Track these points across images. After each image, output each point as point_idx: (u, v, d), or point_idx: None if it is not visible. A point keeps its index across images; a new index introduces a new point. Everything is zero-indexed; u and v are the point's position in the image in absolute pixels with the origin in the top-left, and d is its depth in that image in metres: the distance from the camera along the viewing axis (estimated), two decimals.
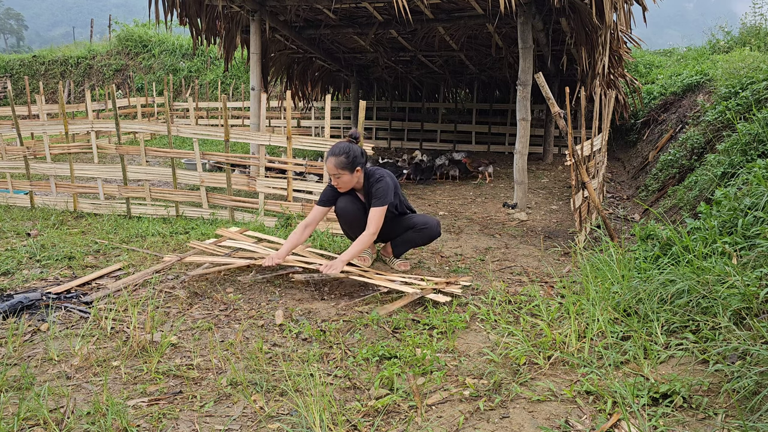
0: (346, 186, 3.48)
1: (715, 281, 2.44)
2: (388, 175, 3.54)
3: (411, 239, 3.73)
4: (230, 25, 7.77)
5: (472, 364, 2.39)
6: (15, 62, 17.84)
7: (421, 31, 8.28)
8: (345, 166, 3.36)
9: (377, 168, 3.59)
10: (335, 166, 3.37)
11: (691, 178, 4.78)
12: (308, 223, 3.53)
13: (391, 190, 3.46)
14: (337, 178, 3.42)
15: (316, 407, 1.91)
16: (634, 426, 1.81)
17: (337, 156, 3.36)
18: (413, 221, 3.69)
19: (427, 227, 3.67)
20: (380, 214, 3.39)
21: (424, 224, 3.66)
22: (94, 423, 1.94)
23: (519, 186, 5.87)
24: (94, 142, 5.40)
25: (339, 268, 3.22)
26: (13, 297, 3.09)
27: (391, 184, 3.49)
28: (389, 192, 3.43)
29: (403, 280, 3.36)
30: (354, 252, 3.32)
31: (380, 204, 3.40)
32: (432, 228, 3.69)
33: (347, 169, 3.38)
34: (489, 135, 11.07)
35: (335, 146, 3.42)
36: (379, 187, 3.42)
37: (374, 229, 3.37)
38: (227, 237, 4.05)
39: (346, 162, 3.36)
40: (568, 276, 3.51)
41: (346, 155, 3.36)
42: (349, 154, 3.37)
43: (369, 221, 3.39)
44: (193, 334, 2.71)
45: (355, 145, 3.44)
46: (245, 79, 14.60)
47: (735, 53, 7.99)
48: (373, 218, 3.38)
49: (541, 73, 4.11)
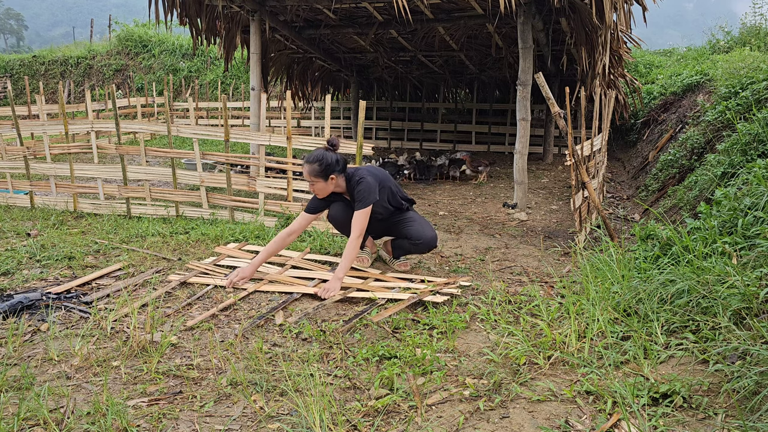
0: (322, 193, 3.46)
1: (715, 281, 2.44)
2: (370, 174, 3.49)
3: (407, 249, 3.73)
4: (230, 25, 7.77)
5: (472, 364, 2.39)
6: (15, 62, 17.84)
7: (421, 31, 8.28)
8: (318, 173, 3.35)
9: (359, 168, 3.54)
10: (309, 174, 3.37)
11: (691, 178, 4.78)
12: (293, 230, 3.51)
13: (374, 190, 3.42)
14: (312, 185, 3.43)
15: (316, 407, 1.91)
16: (634, 426, 1.81)
17: (311, 164, 3.35)
18: (409, 231, 3.64)
19: (422, 242, 3.63)
20: (363, 217, 3.37)
21: (419, 239, 3.62)
22: (94, 423, 1.94)
23: (519, 186, 5.87)
24: (94, 142, 5.40)
25: (337, 288, 3.20)
26: (13, 297, 3.09)
27: (373, 182, 3.44)
28: (372, 192, 3.40)
29: (402, 285, 3.35)
30: (346, 265, 3.30)
31: (362, 207, 3.38)
32: (427, 242, 3.64)
33: (320, 177, 3.36)
34: (489, 135, 11.08)
35: (310, 154, 3.40)
36: (360, 189, 3.39)
37: (358, 233, 3.35)
38: (225, 255, 3.93)
39: (318, 170, 3.35)
40: (568, 276, 3.51)
41: (319, 163, 3.34)
42: (322, 162, 3.34)
43: (353, 225, 3.37)
44: (193, 334, 2.71)
45: (330, 153, 3.40)
46: (245, 79, 14.60)
47: (735, 53, 8.00)
48: (356, 222, 3.36)
49: (541, 73, 4.11)
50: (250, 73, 7.18)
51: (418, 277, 3.54)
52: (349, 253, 3.32)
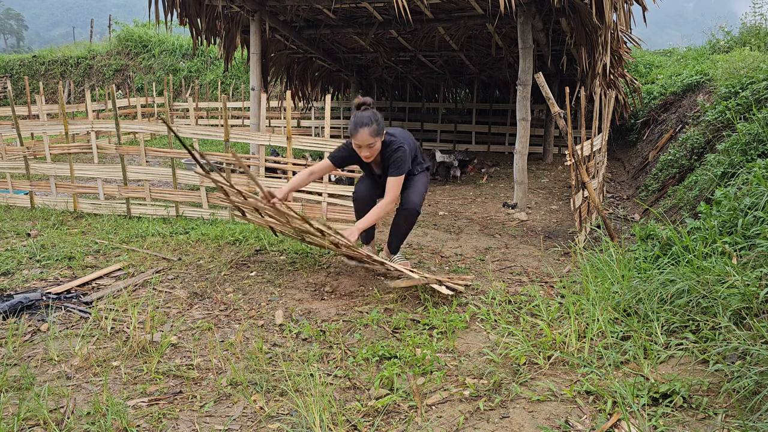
0: (375, 154, 3.44)
1: (715, 281, 2.44)
2: (406, 141, 3.53)
3: (397, 226, 3.68)
4: (230, 25, 7.77)
5: (472, 364, 2.39)
6: (15, 62, 17.84)
7: (421, 31, 8.28)
8: (377, 133, 3.35)
9: (394, 133, 3.55)
10: (370, 135, 3.32)
11: (691, 178, 4.78)
12: (314, 171, 3.58)
13: (409, 159, 3.48)
14: (370, 148, 3.37)
15: (316, 407, 1.91)
16: (634, 426, 1.81)
17: (369, 126, 3.31)
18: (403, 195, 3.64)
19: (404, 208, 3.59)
20: (397, 184, 3.42)
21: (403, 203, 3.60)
22: (94, 423, 1.94)
23: (519, 186, 5.87)
24: (94, 143, 5.40)
25: (355, 234, 3.26)
26: (13, 297, 3.09)
27: (409, 152, 3.49)
28: (407, 161, 3.45)
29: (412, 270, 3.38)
30: (370, 220, 3.36)
31: (398, 174, 3.42)
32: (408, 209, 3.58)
33: (378, 136, 3.38)
34: (489, 135, 11.08)
35: (360, 117, 3.34)
36: (398, 156, 3.42)
37: (391, 198, 3.41)
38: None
39: (377, 129, 3.34)
40: (568, 276, 3.51)
41: (376, 122, 3.34)
42: (378, 119, 3.36)
43: (387, 190, 3.42)
44: (193, 334, 2.71)
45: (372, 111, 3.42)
46: (245, 79, 14.60)
47: (735, 53, 7.99)
48: (391, 187, 3.41)
49: (541, 73, 4.10)
50: (250, 73, 7.18)
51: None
52: (377, 212, 3.38)
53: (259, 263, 3.82)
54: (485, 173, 7.70)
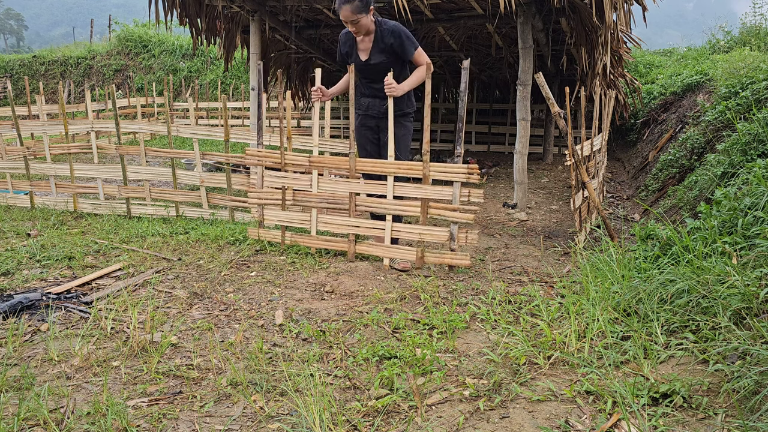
0: (363, 29, 3.54)
1: (715, 281, 2.44)
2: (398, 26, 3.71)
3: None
4: (230, 25, 7.77)
5: (472, 364, 2.39)
6: (15, 62, 17.84)
7: (421, 31, 8.28)
8: (361, 9, 3.41)
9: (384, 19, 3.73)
10: (352, 12, 3.41)
11: (691, 178, 4.78)
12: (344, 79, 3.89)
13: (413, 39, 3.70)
14: (355, 24, 3.47)
15: (316, 407, 1.91)
16: (634, 426, 1.81)
17: (351, 3, 3.39)
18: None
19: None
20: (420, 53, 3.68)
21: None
22: (94, 423, 1.94)
23: (519, 186, 5.87)
24: (94, 143, 5.40)
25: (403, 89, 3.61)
26: (13, 297, 3.09)
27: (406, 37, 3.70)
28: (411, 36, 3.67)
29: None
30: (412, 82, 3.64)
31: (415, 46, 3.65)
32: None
33: (363, 12, 3.44)
34: (489, 135, 11.07)
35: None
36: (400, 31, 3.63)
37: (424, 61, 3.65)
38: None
39: (360, 5, 3.40)
40: (568, 276, 3.51)
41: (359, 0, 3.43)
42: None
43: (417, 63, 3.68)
44: (193, 334, 2.71)
45: None
46: (245, 79, 14.60)
47: (735, 53, 7.99)
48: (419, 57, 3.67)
49: (541, 73, 4.10)
50: (250, 73, 7.17)
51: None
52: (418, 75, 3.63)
53: (259, 263, 3.82)
54: (485, 173, 7.70)
